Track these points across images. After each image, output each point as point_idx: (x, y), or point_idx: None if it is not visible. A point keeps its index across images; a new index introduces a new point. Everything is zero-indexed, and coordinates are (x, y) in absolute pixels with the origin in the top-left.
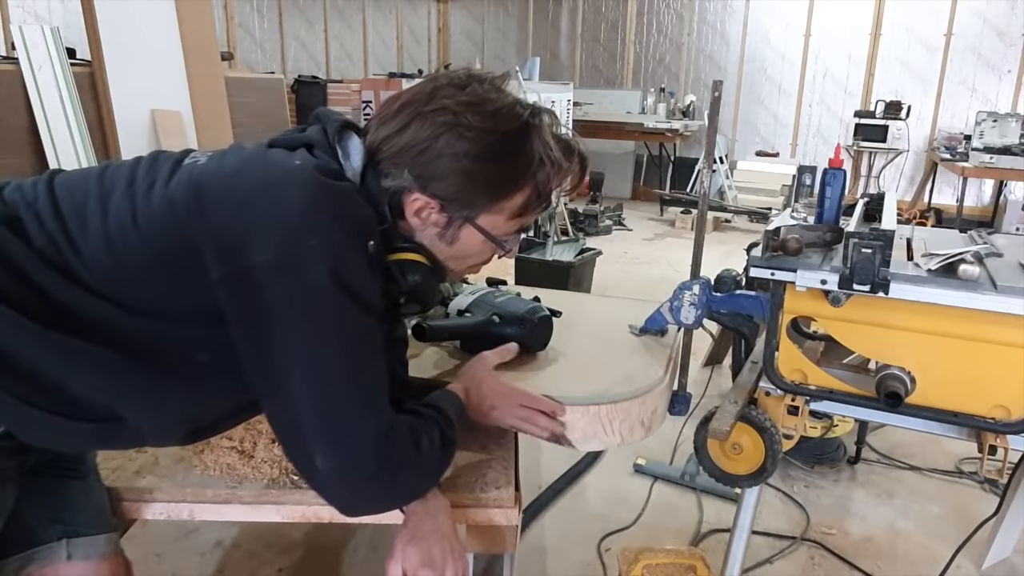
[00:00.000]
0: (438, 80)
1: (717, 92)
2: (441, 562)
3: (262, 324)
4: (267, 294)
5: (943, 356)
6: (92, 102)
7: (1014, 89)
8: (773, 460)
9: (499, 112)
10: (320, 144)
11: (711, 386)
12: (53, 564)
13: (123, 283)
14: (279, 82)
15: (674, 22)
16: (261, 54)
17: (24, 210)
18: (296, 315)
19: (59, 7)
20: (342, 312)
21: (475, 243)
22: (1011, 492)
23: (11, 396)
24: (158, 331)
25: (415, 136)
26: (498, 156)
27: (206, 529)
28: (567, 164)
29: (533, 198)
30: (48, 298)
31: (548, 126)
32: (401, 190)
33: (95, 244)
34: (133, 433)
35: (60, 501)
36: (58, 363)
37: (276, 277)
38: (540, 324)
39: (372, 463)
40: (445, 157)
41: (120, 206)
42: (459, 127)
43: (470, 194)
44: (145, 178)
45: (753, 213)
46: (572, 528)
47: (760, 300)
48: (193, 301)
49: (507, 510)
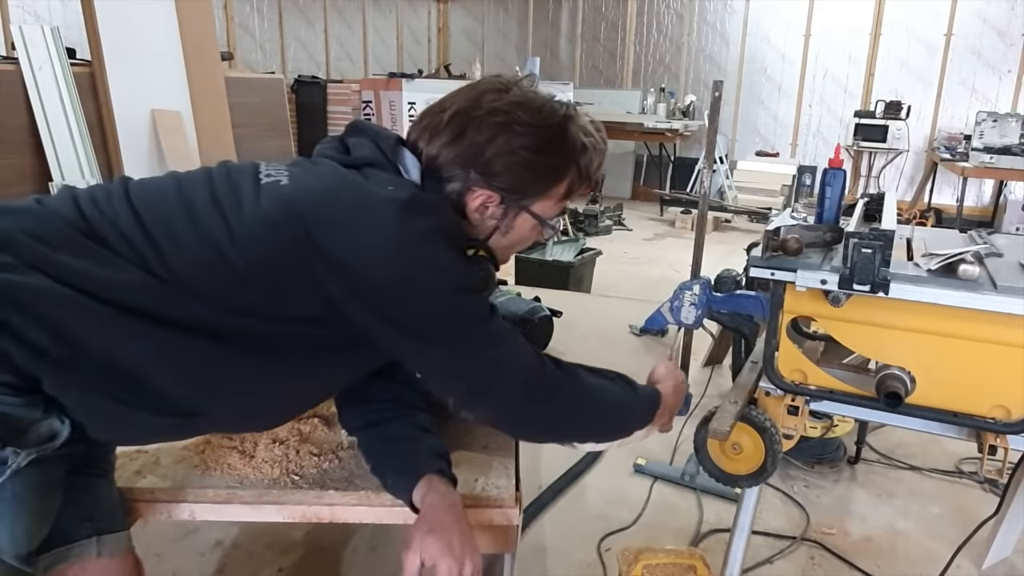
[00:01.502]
0: (479, 87)
1: (717, 92)
2: (461, 553)
3: (400, 333)
4: (395, 308)
5: (943, 356)
6: (92, 102)
7: (1014, 89)
8: (773, 460)
9: (543, 108)
10: (380, 163)
11: (711, 386)
12: (83, 561)
13: (215, 290)
14: (279, 82)
15: (674, 22)
16: (261, 54)
17: (108, 229)
18: (427, 323)
19: (59, 7)
20: (466, 307)
21: (526, 229)
22: (1011, 492)
23: (103, 396)
24: (250, 328)
25: (474, 139)
26: (549, 146)
27: (206, 529)
28: (602, 146)
29: (577, 180)
30: (139, 303)
31: (580, 115)
32: (464, 191)
33: (187, 259)
34: (205, 425)
35: (90, 499)
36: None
37: (399, 293)
38: (540, 324)
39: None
40: (504, 153)
41: (212, 223)
42: (513, 124)
43: (528, 183)
44: (229, 195)
45: (753, 213)
46: (572, 528)
47: (760, 300)
48: (290, 305)
49: (507, 510)
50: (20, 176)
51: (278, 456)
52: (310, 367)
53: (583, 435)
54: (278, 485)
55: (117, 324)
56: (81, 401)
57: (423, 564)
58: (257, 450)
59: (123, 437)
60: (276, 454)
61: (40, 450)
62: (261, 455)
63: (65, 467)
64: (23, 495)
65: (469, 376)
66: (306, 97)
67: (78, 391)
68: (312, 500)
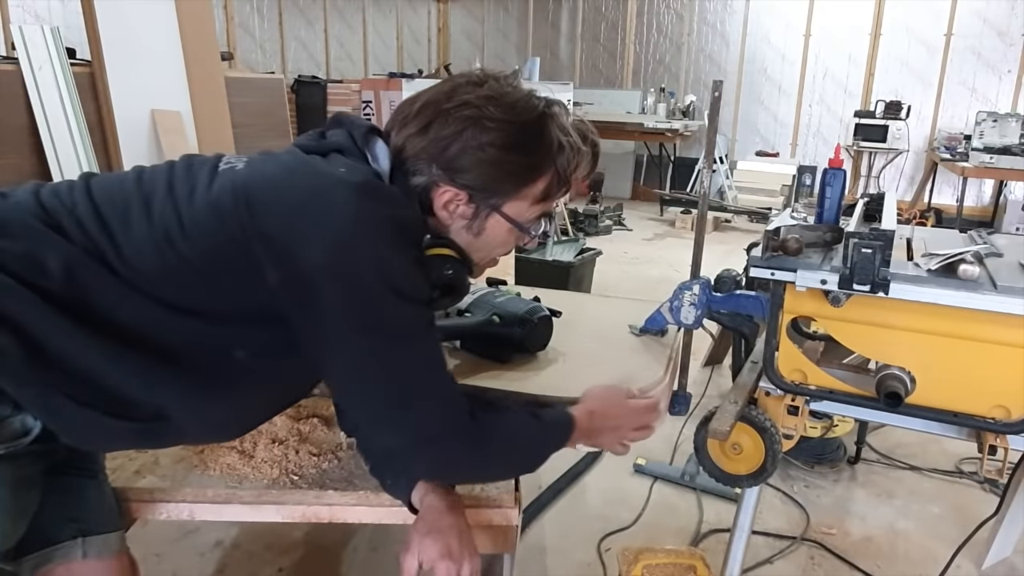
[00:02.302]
0: (455, 80)
1: (717, 92)
2: (459, 555)
3: (322, 321)
4: (325, 294)
5: (943, 356)
6: (92, 102)
7: (1014, 89)
8: (773, 460)
9: (517, 103)
10: (349, 149)
11: (711, 386)
12: (69, 562)
13: (168, 285)
14: (279, 82)
15: (674, 22)
16: (261, 54)
17: (64, 216)
18: (353, 314)
19: (59, 7)
20: (395, 310)
21: (501, 232)
22: (1011, 492)
23: (61, 394)
24: (201, 330)
25: (439, 132)
26: (521, 144)
27: (206, 529)
28: (584, 148)
29: (555, 182)
30: (94, 300)
31: (561, 114)
32: (429, 185)
33: (141, 249)
34: (174, 432)
35: (75, 500)
36: (107, 365)
37: (332, 279)
38: (540, 324)
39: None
40: (471, 149)
41: (164, 211)
42: (482, 119)
43: (496, 183)
44: (184, 183)
45: (753, 213)
46: (572, 528)
47: (760, 300)
48: (238, 301)
49: (507, 510)
50: (20, 176)
51: (277, 456)
52: (269, 371)
53: (499, 474)
54: (277, 485)
55: (68, 326)
56: (40, 400)
57: (421, 566)
58: (256, 450)
59: (91, 440)
60: (275, 454)
61: (11, 446)
62: (260, 455)
63: (42, 465)
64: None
65: (387, 388)
66: (306, 97)
67: (36, 390)
68: (312, 500)
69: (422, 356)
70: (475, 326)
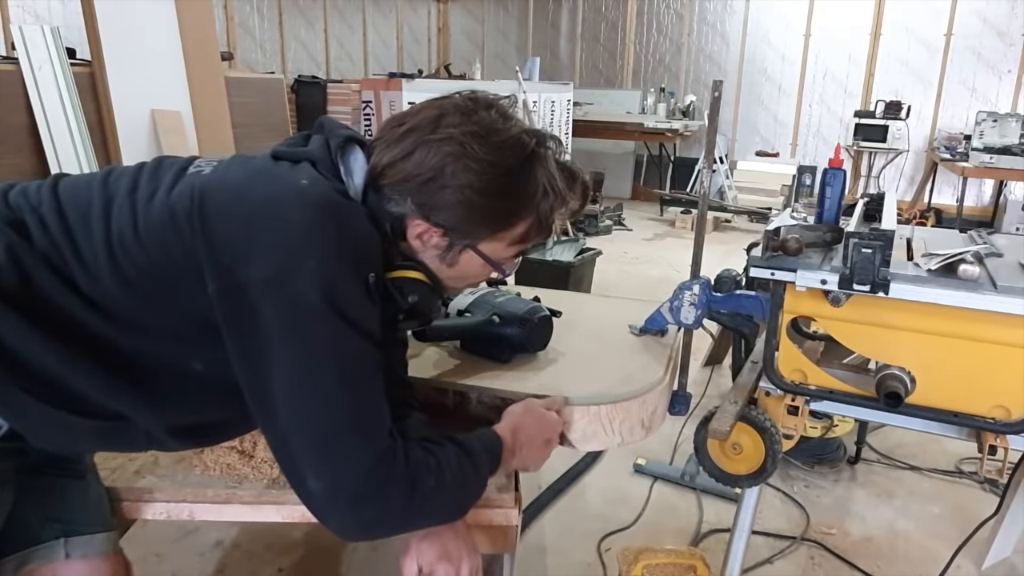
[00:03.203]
0: (444, 107)
1: (717, 92)
2: (457, 557)
3: (253, 341)
4: (261, 311)
5: (943, 356)
6: (92, 102)
7: (1014, 89)
8: (773, 460)
9: (505, 144)
10: (322, 161)
11: (711, 386)
12: (51, 563)
13: (120, 290)
14: (279, 82)
15: (674, 22)
16: (261, 54)
17: (28, 214)
18: (287, 335)
19: (59, 7)
20: (334, 335)
21: (475, 265)
22: (1011, 492)
23: (21, 391)
24: (152, 347)
25: (420, 164)
26: (502, 190)
27: (206, 529)
28: (570, 194)
29: (534, 227)
30: (50, 303)
31: (553, 154)
32: (404, 215)
33: (97, 251)
34: (141, 436)
35: (58, 500)
36: (63, 368)
37: (271, 295)
38: (540, 324)
39: (363, 487)
40: (449, 188)
41: (121, 213)
42: (465, 158)
43: (472, 225)
44: (148, 185)
45: (753, 213)
46: (572, 528)
47: (760, 300)
48: (187, 313)
49: (507, 510)
50: (20, 176)
51: None
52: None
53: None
54: (278, 485)
55: (26, 323)
56: (2, 398)
57: (420, 570)
58: (256, 450)
59: (56, 441)
60: None
61: None
62: (260, 455)
63: (12, 461)
64: None
65: (314, 421)
66: (306, 97)
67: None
68: None
69: (359, 388)
70: (475, 326)
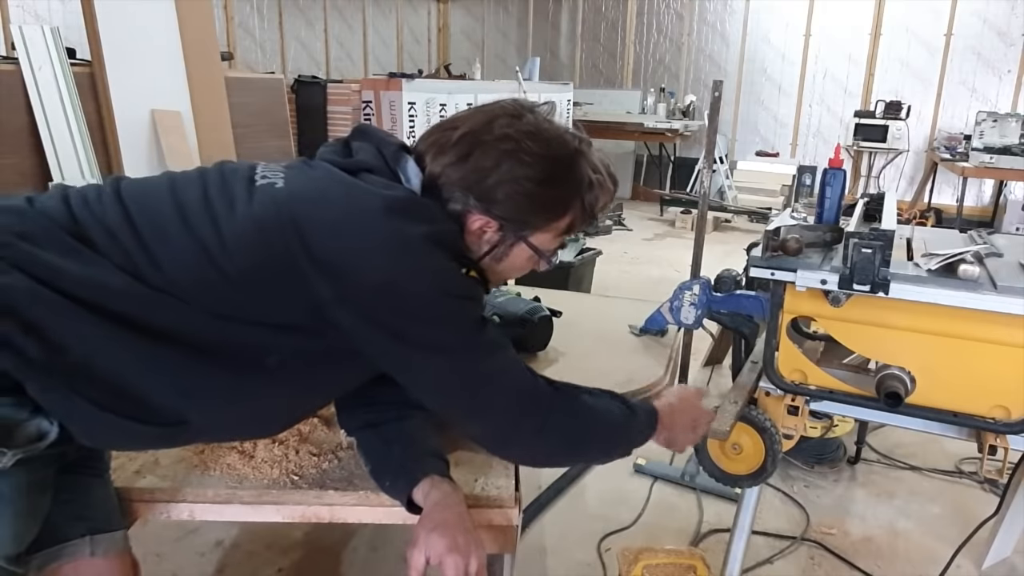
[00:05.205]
0: (493, 111)
1: (717, 92)
2: (467, 549)
3: (390, 339)
4: (385, 312)
5: (943, 356)
6: (92, 102)
7: (1014, 89)
8: (773, 460)
9: (554, 140)
10: (380, 169)
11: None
12: (76, 560)
13: (205, 296)
14: (279, 82)
15: (674, 22)
16: (261, 54)
17: (94, 227)
18: (418, 328)
19: (59, 7)
20: (457, 315)
21: (522, 259)
22: (1011, 492)
23: (84, 399)
24: (236, 332)
25: (478, 163)
26: (555, 179)
27: (206, 529)
28: (610, 185)
29: (580, 216)
30: (125, 305)
31: (591, 151)
32: (463, 212)
33: (177, 260)
34: (193, 434)
35: (83, 498)
36: (136, 365)
37: (390, 296)
38: (540, 324)
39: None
40: (507, 181)
41: (202, 224)
42: (520, 152)
43: (528, 215)
44: (221, 196)
45: (753, 213)
46: (572, 528)
47: (760, 300)
48: (277, 312)
49: (507, 510)
50: (20, 176)
51: (277, 456)
52: (296, 378)
53: (581, 457)
54: (278, 485)
55: (97, 328)
56: (62, 405)
57: (428, 562)
58: (256, 450)
59: (110, 443)
60: (275, 454)
61: (27, 451)
62: (260, 455)
63: (55, 467)
64: (10, 496)
65: (462, 388)
66: (306, 97)
67: (59, 394)
68: (312, 500)
69: (490, 352)
70: None
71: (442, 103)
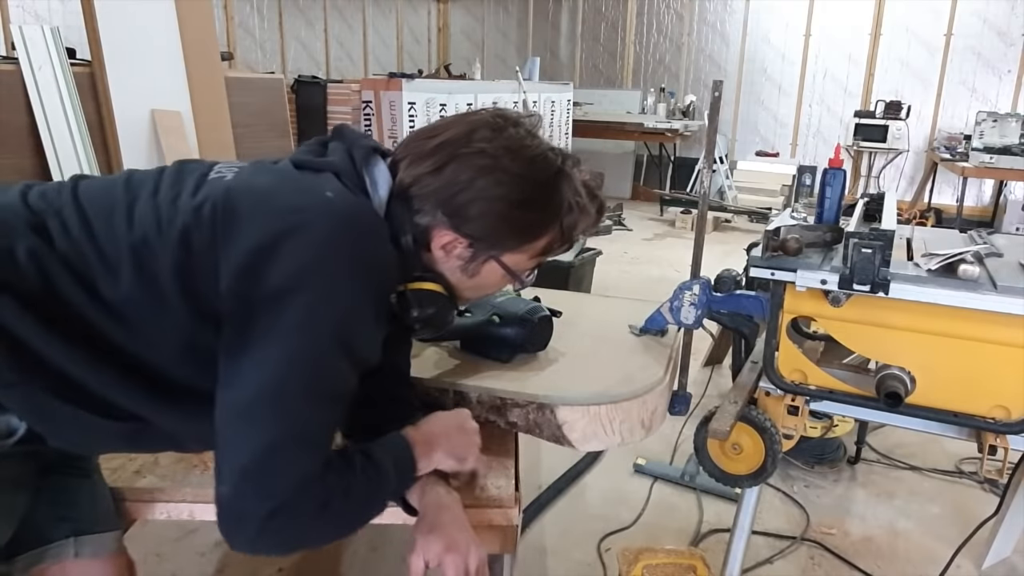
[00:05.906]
0: (474, 122)
1: (717, 92)
2: (465, 547)
3: (241, 337)
4: (265, 316)
5: (943, 356)
6: (92, 102)
7: (1014, 89)
8: (773, 460)
9: (536, 159)
10: (347, 172)
11: (711, 386)
12: (61, 562)
13: (142, 294)
14: (279, 82)
15: (674, 22)
16: (261, 54)
17: (50, 217)
18: (279, 338)
19: (59, 7)
20: (325, 353)
21: (495, 276)
22: (1011, 492)
23: (46, 392)
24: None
25: (453, 177)
26: (532, 202)
27: (206, 529)
28: (592, 209)
29: (556, 240)
30: (71, 307)
31: (577, 172)
32: (430, 226)
33: (121, 253)
34: (164, 436)
35: (68, 499)
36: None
37: (279, 304)
38: (540, 324)
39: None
40: (481, 200)
41: (144, 215)
42: (497, 171)
43: (500, 236)
44: (170, 188)
45: (753, 213)
46: (572, 528)
47: (760, 300)
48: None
49: (507, 510)
50: (20, 176)
51: None
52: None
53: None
54: None
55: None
56: (26, 400)
57: (427, 565)
58: None
59: (79, 442)
60: None
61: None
62: None
63: (32, 466)
64: None
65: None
66: (306, 97)
67: (20, 391)
68: None
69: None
70: (475, 326)
71: (442, 103)
